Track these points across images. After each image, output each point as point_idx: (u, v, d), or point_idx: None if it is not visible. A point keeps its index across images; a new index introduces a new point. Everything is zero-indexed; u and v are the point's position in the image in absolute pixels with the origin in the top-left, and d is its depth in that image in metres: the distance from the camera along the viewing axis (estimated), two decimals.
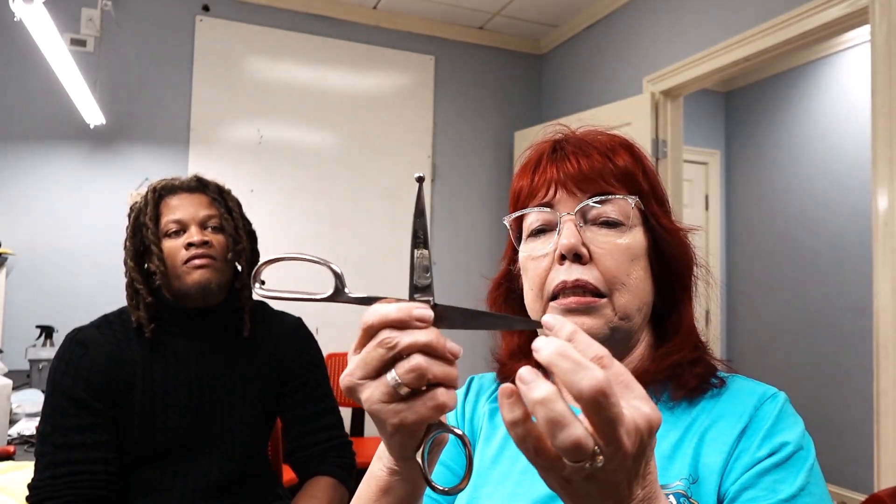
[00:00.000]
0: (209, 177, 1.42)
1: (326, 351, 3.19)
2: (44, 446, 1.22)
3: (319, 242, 3.52)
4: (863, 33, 3.25)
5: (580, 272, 0.67)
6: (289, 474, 1.94)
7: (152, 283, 1.32)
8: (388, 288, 3.51)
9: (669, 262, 0.72)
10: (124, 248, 1.33)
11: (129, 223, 1.34)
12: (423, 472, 0.47)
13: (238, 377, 1.37)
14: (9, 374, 2.27)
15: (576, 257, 0.67)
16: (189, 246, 1.29)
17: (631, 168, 0.71)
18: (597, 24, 3.55)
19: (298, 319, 1.51)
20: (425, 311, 0.45)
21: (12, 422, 1.95)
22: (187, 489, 1.29)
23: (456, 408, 0.69)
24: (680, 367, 0.70)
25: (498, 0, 3.52)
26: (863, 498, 2.19)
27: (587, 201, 0.69)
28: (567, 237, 0.67)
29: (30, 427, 1.88)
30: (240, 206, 1.42)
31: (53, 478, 1.19)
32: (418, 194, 0.48)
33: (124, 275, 1.32)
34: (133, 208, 1.35)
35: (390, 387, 0.44)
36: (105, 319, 1.35)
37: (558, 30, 3.86)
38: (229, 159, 3.37)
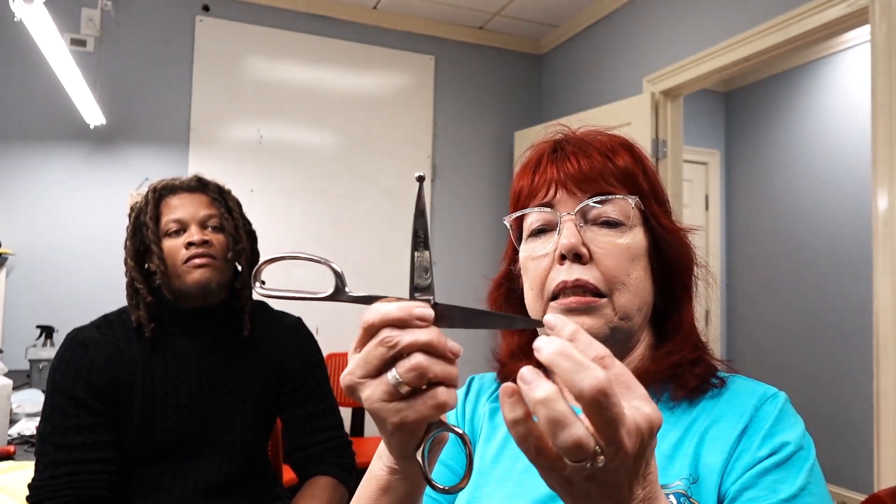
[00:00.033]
0: (209, 177, 1.43)
1: (326, 351, 3.19)
2: (44, 446, 1.22)
3: (319, 242, 3.52)
4: (863, 33, 3.25)
5: (580, 272, 0.67)
6: (289, 474, 1.94)
7: (152, 283, 1.33)
8: (387, 287, 3.51)
9: (670, 262, 0.72)
10: (124, 247, 1.33)
11: (130, 223, 1.34)
12: (423, 470, 0.47)
13: (238, 377, 1.37)
14: (9, 374, 2.27)
15: (576, 257, 0.67)
16: (189, 245, 1.30)
17: (631, 168, 0.71)
18: (597, 24, 3.55)
19: (298, 319, 1.51)
20: (426, 310, 0.45)
21: (12, 422, 1.95)
22: (187, 489, 1.29)
23: (456, 407, 0.69)
24: (680, 367, 0.70)
25: (498, 0, 3.52)
26: (863, 498, 2.19)
27: (587, 201, 0.69)
28: (567, 237, 0.67)
29: (30, 427, 1.88)
30: (240, 206, 1.42)
31: (53, 478, 1.19)
32: (419, 194, 0.48)
33: (124, 274, 1.32)
34: (133, 208, 1.35)
35: (391, 385, 0.44)
36: (105, 319, 1.35)
37: (558, 30, 3.86)
38: (229, 159, 3.37)
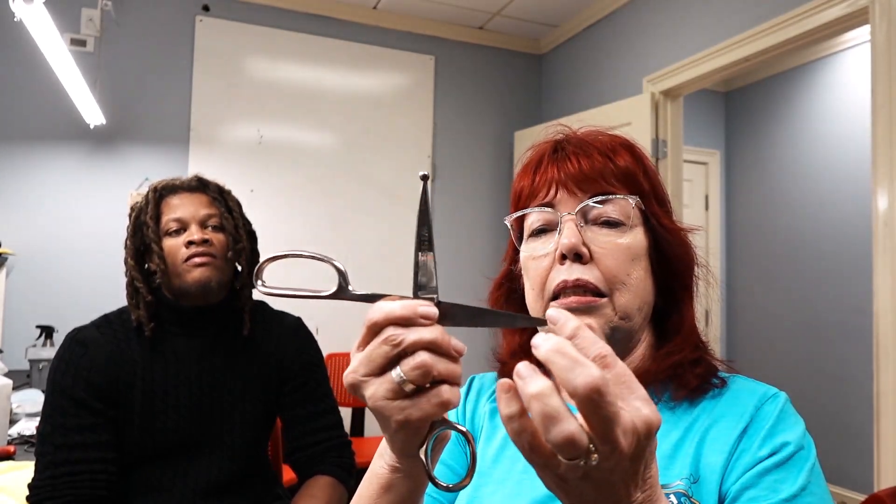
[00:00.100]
0: (209, 177, 1.43)
1: (326, 351, 3.19)
2: (44, 446, 1.22)
3: (319, 242, 3.52)
4: (863, 33, 3.25)
5: (581, 272, 0.67)
6: (289, 474, 1.94)
7: (152, 283, 1.33)
8: (387, 287, 3.49)
9: (670, 261, 0.72)
10: (124, 247, 1.33)
11: (130, 222, 1.34)
12: (426, 468, 0.47)
13: (238, 377, 1.37)
14: (9, 374, 2.27)
15: (576, 257, 0.67)
16: (189, 244, 1.30)
17: (632, 168, 0.71)
18: (597, 24, 3.55)
19: (298, 319, 1.51)
20: (430, 309, 0.45)
21: (12, 422, 1.95)
22: (187, 489, 1.29)
23: (457, 407, 0.69)
24: (681, 367, 0.70)
25: (498, 0, 3.52)
26: (863, 498, 2.19)
27: (588, 201, 0.69)
28: (568, 237, 0.67)
29: (30, 427, 1.88)
30: (240, 206, 1.43)
31: (53, 478, 1.19)
32: (423, 193, 0.48)
33: (124, 274, 1.32)
34: (133, 208, 1.36)
35: (395, 384, 0.44)
36: (105, 319, 1.35)
37: (558, 30, 3.86)
38: (229, 159, 3.37)
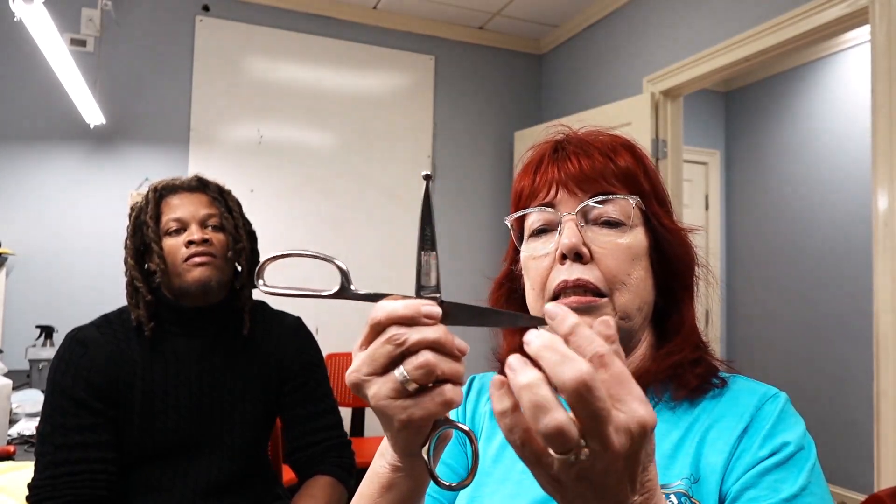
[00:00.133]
0: (209, 177, 1.43)
1: (326, 351, 3.18)
2: (44, 446, 1.22)
3: (319, 242, 3.52)
4: (863, 33, 3.25)
5: (581, 272, 0.67)
6: (289, 474, 1.94)
7: (152, 282, 1.33)
8: (388, 287, 3.49)
9: (671, 262, 0.72)
10: (125, 246, 1.33)
11: (130, 222, 1.34)
12: (428, 467, 0.47)
13: (238, 377, 1.37)
14: (9, 374, 2.27)
15: (577, 257, 0.67)
16: (189, 244, 1.30)
17: (632, 168, 0.71)
18: (597, 24, 3.55)
19: (298, 319, 1.51)
20: (433, 308, 0.45)
21: (12, 422, 1.95)
22: (187, 489, 1.29)
23: (460, 406, 0.69)
24: (681, 367, 0.70)
25: (498, 0, 3.52)
26: (863, 498, 2.19)
27: (588, 201, 0.69)
28: (568, 237, 0.67)
29: (30, 427, 1.88)
30: (240, 207, 1.43)
31: (53, 478, 1.19)
32: (426, 193, 0.47)
33: (124, 274, 1.32)
34: (133, 208, 1.36)
35: (398, 383, 0.44)
36: (105, 319, 1.35)
37: (558, 30, 3.86)
38: (229, 159, 3.37)
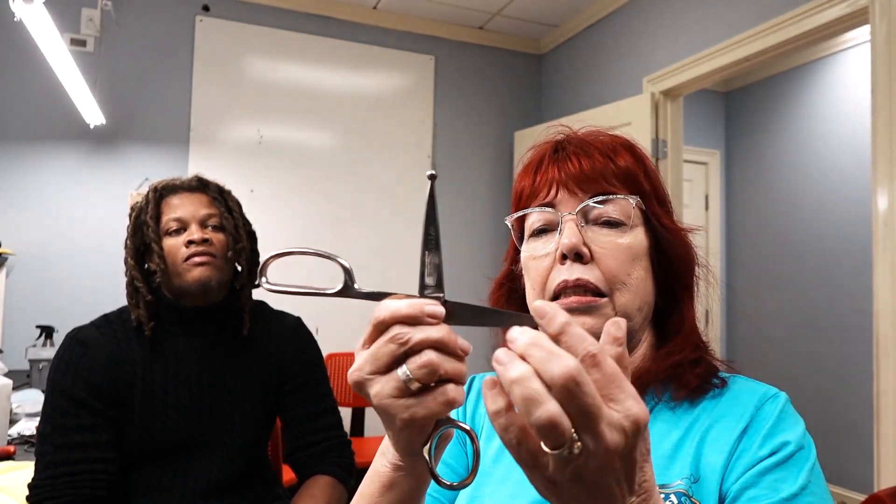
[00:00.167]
0: (209, 177, 1.43)
1: (326, 351, 3.18)
2: (44, 446, 1.22)
3: (319, 242, 3.52)
4: (863, 33, 3.25)
5: (581, 272, 0.67)
6: (289, 474, 1.94)
7: (152, 282, 1.33)
8: (388, 287, 3.50)
9: (671, 262, 0.72)
10: (125, 246, 1.33)
11: (130, 222, 1.34)
12: (429, 466, 0.47)
13: (238, 377, 1.37)
14: (9, 374, 2.27)
15: (577, 257, 0.67)
16: (189, 243, 1.30)
17: (632, 168, 0.71)
18: (597, 24, 3.55)
19: (298, 319, 1.51)
20: (437, 308, 0.45)
21: (12, 422, 1.95)
22: (187, 489, 1.29)
23: (462, 405, 0.69)
24: (681, 367, 0.70)
25: (498, 0, 3.52)
26: (863, 498, 2.19)
27: (588, 201, 0.69)
28: (568, 237, 0.67)
29: (30, 427, 1.88)
30: (240, 207, 1.43)
31: (53, 477, 1.19)
32: (430, 193, 0.47)
33: (124, 273, 1.32)
34: (134, 208, 1.36)
35: (401, 382, 0.44)
36: (105, 319, 1.35)
37: (558, 30, 3.86)
38: (229, 159, 3.37)
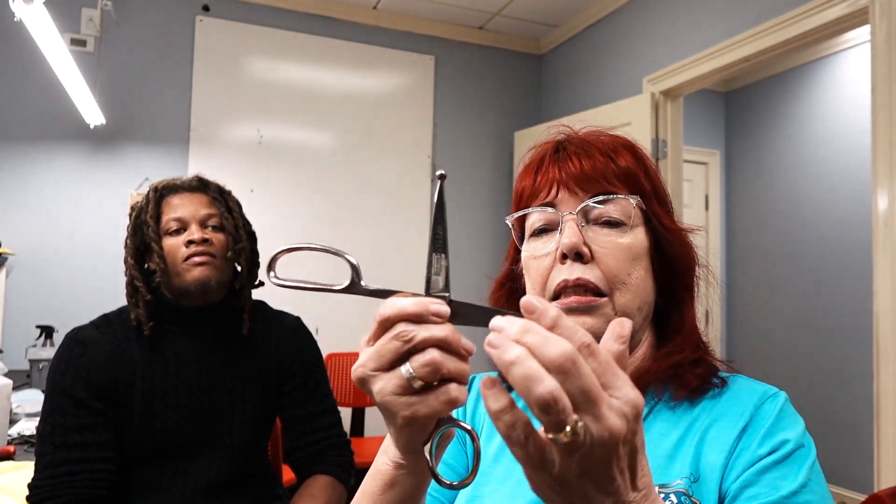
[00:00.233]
0: (209, 177, 1.43)
1: (326, 351, 3.18)
2: (43, 446, 1.22)
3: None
4: (863, 33, 3.25)
5: (581, 271, 0.67)
6: (289, 474, 1.94)
7: (152, 282, 1.33)
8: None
9: (671, 262, 0.72)
10: (125, 246, 1.33)
11: (130, 222, 1.34)
12: (430, 465, 0.47)
13: (238, 377, 1.37)
14: (9, 374, 2.27)
15: (577, 256, 0.67)
16: (189, 243, 1.30)
17: (633, 168, 0.71)
18: (597, 24, 3.55)
19: (298, 319, 1.51)
20: (442, 307, 0.45)
21: (12, 422, 1.95)
22: (187, 489, 1.29)
23: (464, 405, 0.69)
24: (681, 367, 0.70)
25: (498, 0, 3.52)
26: (863, 498, 2.19)
27: (588, 201, 0.69)
28: (569, 236, 0.67)
29: (30, 427, 1.88)
30: (240, 207, 1.43)
31: (53, 477, 1.19)
32: (439, 193, 0.47)
33: (124, 273, 1.32)
34: (134, 207, 1.36)
35: (404, 379, 0.44)
36: (105, 319, 1.35)
37: (558, 30, 3.86)
38: (229, 159, 3.37)
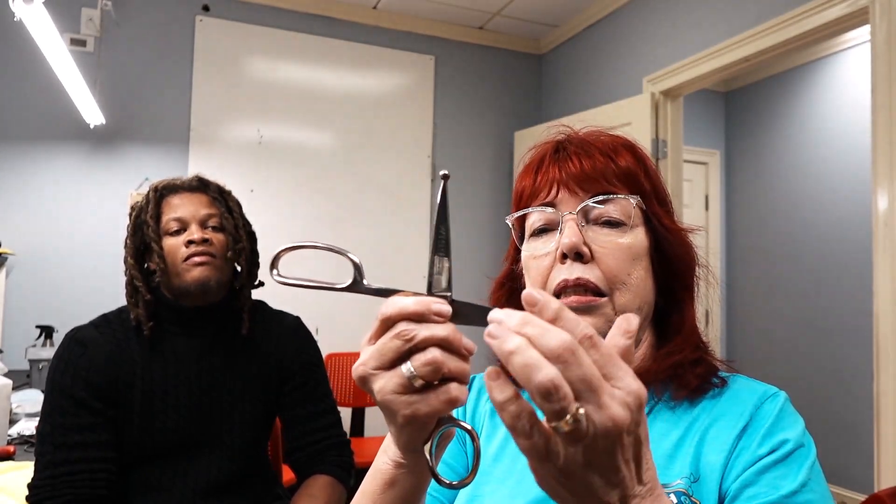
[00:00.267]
0: (210, 177, 1.43)
1: (326, 351, 3.17)
2: (43, 446, 1.22)
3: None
4: (863, 33, 3.25)
5: (581, 271, 0.67)
6: (289, 474, 1.94)
7: (152, 282, 1.33)
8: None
9: (671, 262, 0.72)
10: (125, 246, 1.33)
11: (130, 221, 1.34)
12: (429, 464, 0.47)
13: (237, 377, 1.37)
14: (9, 374, 2.27)
15: (577, 256, 0.67)
16: (189, 243, 1.30)
17: (633, 168, 0.71)
18: (597, 24, 3.55)
19: (298, 319, 1.51)
20: (444, 306, 0.45)
21: (12, 422, 1.95)
22: (187, 489, 1.29)
23: (464, 405, 0.69)
24: (681, 367, 0.70)
25: (498, 0, 3.52)
26: (863, 498, 2.19)
27: (588, 201, 0.69)
28: (569, 236, 0.67)
29: (30, 427, 1.88)
30: (240, 207, 1.43)
31: (53, 477, 1.19)
32: (442, 193, 0.47)
33: (124, 273, 1.32)
34: (134, 207, 1.36)
35: (405, 378, 0.44)
36: (104, 319, 1.35)
37: (558, 30, 3.86)
38: (229, 159, 3.37)
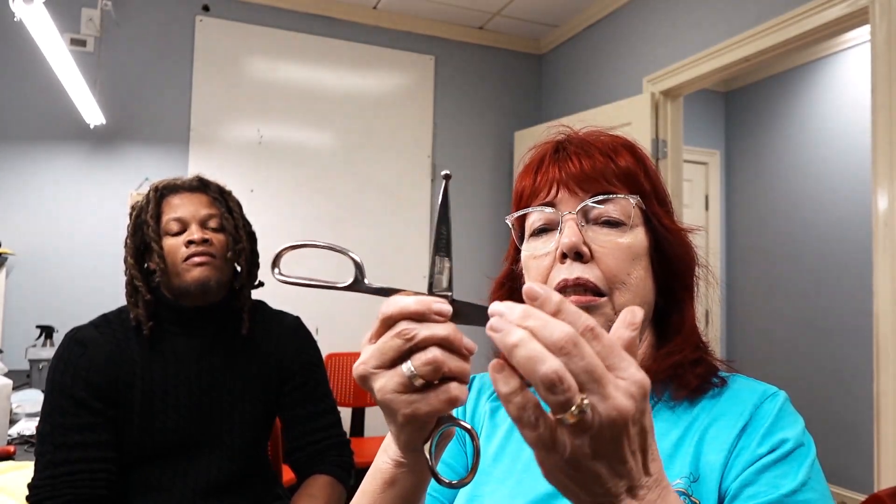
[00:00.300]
0: (209, 177, 1.43)
1: (326, 351, 3.18)
2: (43, 446, 1.22)
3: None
4: (863, 33, 3.26)
5: (581, 271, 0.67)
6: (289, 474, 1.94)
7: (152, 282, 1.33)
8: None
9: (671, 262, 0.72)
10: (125, 246, 1.33)
11: (131, 221, 1.34)
12: (429, 464, 0.47)
13: (237, 377, 1.37)
14: (9, 374, 2.27)
15: (577, 256, 0.67)
16: (189, 243, 1.30)
17: (633, 168, 0.71)
18: (597, 24, 3.55)
19: (297, 319, 1.51)
20: (444, 306, 0.45)
21: (12, 422, 1.95)
22: (187, 489, 1.29)
23: (464, 404, 0.69)
24: (681, 367, 0.70)
25: (498, 0, 3.52)
26: (863, 498, 2.19)
27: (588, 201, 0.69)
28: (568, 236, 0.67)
29: (30, 427, 1.88)
30: (240, 207, 1.43)
31: (53, 477, 1.19)
32: (444, 193, 0.47)
33: (124, 273, 1.32)
34: (134, 207, 1.36)
35: (405, 377, 0.45)
36: (104, 319, 1.35)
37: (558, 30, 3.86)
38: (229, 159, 3.37)
